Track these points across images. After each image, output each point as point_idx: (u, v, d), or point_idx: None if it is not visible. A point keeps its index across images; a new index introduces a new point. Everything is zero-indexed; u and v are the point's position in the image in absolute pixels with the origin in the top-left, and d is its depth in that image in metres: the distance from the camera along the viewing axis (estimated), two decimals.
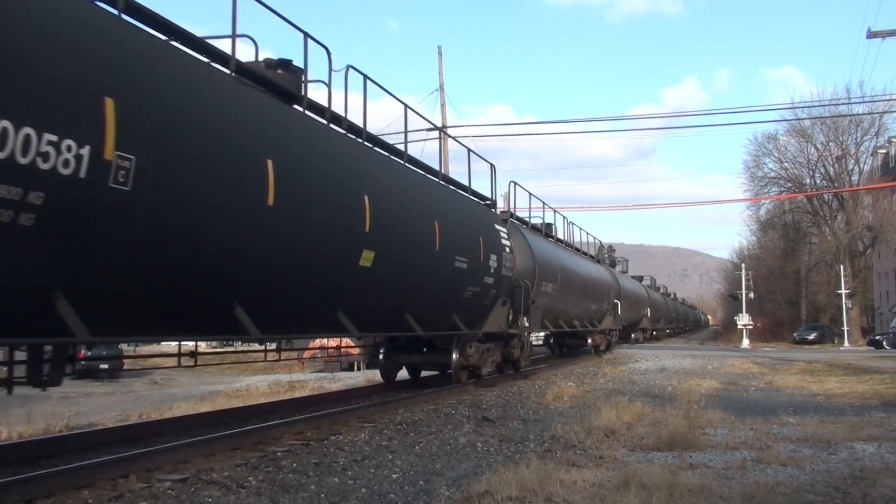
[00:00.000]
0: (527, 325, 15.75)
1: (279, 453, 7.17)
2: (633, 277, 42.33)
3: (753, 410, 10.78)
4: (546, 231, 20.65)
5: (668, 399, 12.14)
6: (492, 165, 15.60)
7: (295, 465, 6.65)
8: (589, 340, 25.06)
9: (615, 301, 27.43)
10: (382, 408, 10.48)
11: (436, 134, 25.95)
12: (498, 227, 14.70)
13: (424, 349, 13.84)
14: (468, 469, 6.53)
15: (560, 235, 22.71)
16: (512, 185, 17.77)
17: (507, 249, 14.62)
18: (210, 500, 5.37)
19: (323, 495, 5.53)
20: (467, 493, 5.39)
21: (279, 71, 8.27)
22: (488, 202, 15.59)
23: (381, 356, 14.26)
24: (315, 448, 7.53)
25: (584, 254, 26.20)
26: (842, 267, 47.60)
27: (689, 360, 23.73)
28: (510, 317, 15.00)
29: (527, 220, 19.50)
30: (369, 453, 7.28)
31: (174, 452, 6.75)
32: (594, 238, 29.80)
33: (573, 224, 24.29)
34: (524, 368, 16.96)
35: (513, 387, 14.45)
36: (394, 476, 6.24)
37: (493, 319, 14.14)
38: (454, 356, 13.05)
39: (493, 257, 13.57)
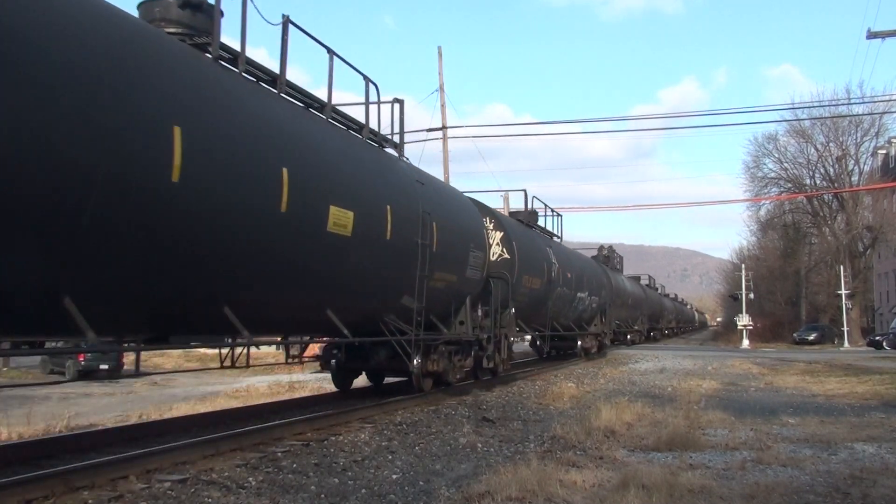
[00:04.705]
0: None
1: (279, 454, 7.17)
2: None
3: (753, 411, 10.79)
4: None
5: (668, 399, 12.14)
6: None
7: (295, 465, 6.65)
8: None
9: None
10: (382, 408, 10.47)
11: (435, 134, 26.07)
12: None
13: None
14: (468, 469, 6.53)
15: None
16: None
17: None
18: (210, 500, 5.37)
19: (323, 496, 5.53)
20: (467, 494, 5.39)
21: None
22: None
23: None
24: (315, 448, 7.53)
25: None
26: (842, 267, 47.58)
27: (689, 360, 23.72)
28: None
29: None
30: (369, 454, 7.27)
31: (174, 453, 6.74)
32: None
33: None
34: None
35: (512, 387, 14.44)
36: (394, 476, 6.24)
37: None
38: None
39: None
